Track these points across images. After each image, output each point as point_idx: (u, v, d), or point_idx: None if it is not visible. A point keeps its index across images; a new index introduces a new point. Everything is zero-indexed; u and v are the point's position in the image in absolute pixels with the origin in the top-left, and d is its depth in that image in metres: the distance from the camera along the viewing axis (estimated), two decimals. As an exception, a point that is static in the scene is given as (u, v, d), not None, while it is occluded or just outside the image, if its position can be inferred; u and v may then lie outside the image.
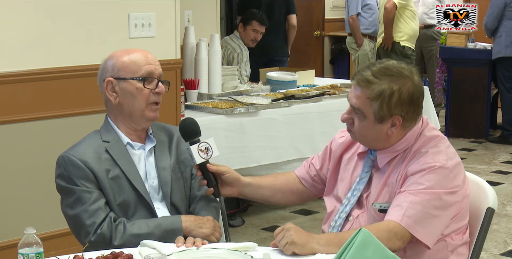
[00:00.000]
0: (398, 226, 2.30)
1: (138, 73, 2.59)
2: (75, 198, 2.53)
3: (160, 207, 2.64)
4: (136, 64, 2.60)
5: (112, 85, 2.60)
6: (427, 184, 2.34)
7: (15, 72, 3.65)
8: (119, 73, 2.60)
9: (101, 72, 2.65)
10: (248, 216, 5.26)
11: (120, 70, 2.60)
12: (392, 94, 2.38)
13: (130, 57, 2.61)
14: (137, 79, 2.59)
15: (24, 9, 3.65)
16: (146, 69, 2.60)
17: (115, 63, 2.61)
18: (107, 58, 2.65)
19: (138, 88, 2.59)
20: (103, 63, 2.66)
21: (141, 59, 2.61)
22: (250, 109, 4.66)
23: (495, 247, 4.66)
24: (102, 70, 2.65)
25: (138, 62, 2.60)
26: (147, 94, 2.60)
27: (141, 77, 2.59)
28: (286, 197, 2.76)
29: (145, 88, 2.59)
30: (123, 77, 2.59)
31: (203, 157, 2.56)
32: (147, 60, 2.61)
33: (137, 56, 2.61)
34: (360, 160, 2.57)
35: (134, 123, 2.64)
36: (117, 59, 2.61)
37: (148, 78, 2.60)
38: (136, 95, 2.59)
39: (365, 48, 7.99)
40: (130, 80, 2.59)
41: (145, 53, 2.64)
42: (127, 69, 2.59)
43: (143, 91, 2.59)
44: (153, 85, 2.61)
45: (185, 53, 4.95)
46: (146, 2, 4.04)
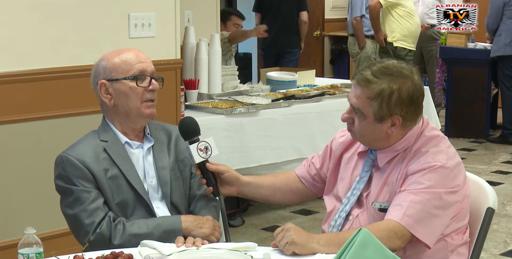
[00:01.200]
0: (398, 225, 2.30)
1: (130, 73, 2.58)
2: (74, 198, 2.53)
3: (160, 206, 2.63)
4: (128, 64, 2.59)
5: (105, 87, 2.60)
6: (427, 183, 2.34)
7: (15, 72, 3.65)
8: (111, 74, 2.59)
9: (93, 75, 2.65)
10: (248, 216, 5.26)
11: (112, 72, 2.59)
12: (392, 94, 2.38)
13: (120, 57, 2.60)
14: (129, 78, 2.58)
15: (24, 9, 3.65)
16: (138, 68, 2.59)
17: (106, 65, 2.60)
18: (99, 61, 2.64)
19: (131, 88, 2.58)
20: (95, 66, 2.64)
21: (132, 58, 2.60)
22: (250, 109, 4.66)
23: (495, 247, 4.66)
24: (95, 73, 2.64)
25: (129, 62, 2.59)
26: (141, 92, 2.59)
27: (133, 76, 2.58)
28: (286, 196, 2.76)
29: (138, 86, 2.58)
30: (115, 78, 2.58)
31: (202, 156, 2.56)
32: (138, 58, 2.60)
33: (128, 55, 2.60)
34: (360, 159, 2.57)
35: (131, 122, 2.64)
36: (108, 60, 2.60)
37: (140, 77, 2.59)
38: (130, 95, 2.58)
39: (367, 51, 7.87)
40: (122, 80, 2.58)
41: (136, 52, 2.63)
42: (119, 70, 2.58)
43: (136, 90, 2.58)
44: (146, 83, 2.60)
45: (185, 53, 4.95)
46: (146, 2, 4.04)
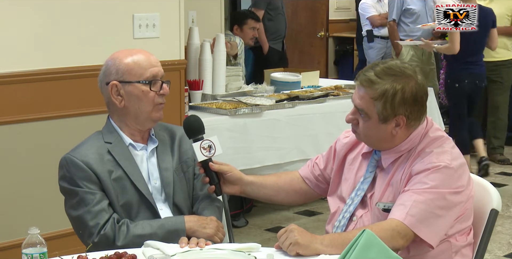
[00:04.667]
0: (401, 224, 2.30)
1: (143, 76, 2.58)
2: (78, 200, 2.53)
3: (163, 208, 2.64)
4: (141, 67, 2.58)
5: (117, 89, 2.59)
6: (431, 183, 2.34)
7: (21, 72, 3.65)
8: (123, 76, 2.58)
9: (103, 75, 2.63)
10: (251, 217, 5.26)
11: (124, 73, 2.58)
12: (395, 94, 2.38)
13: (133, 59, 2.59)
14: (143, 82, 2.58)
15: (27, 10, 3.66)
16: (151, 72, 2.59)
17: (118, 66, 2.59)
18: (108, 60, 2.63)
19: (144, 91, 2.58)
20: (105, 65, 2.63)
21: (145, 61, 2.60)
22: (254, 109, 4.66)
23: (499, 249, 4.65)
24: (104, 72, 2.63)
25: (143, 65, 2.59)
26: (153, 96, 2.59)
27: (147, 80, 2.58)
28: (289, 196, 2.76)
29: (151, 91, 2.59)
30: (128, 80, 2.58)
31: (205, 155, 2.56)
32: (150, 62, 2.60)
33: (140, 58, 2.60)
34: (364, 160, 2.57)
35: (139, 125, 2.64)
36: (120, 61, 2.59)
37: (153, 81, 2.60)
38: (143, 98, 2.59)
39: (403, 58, 7.20)
40: (135, 84, 2.58)
41: (147, 55, 2.63)
42: (132, 72, 2.58)
43: (149, 94, 2.59)
44: (157, 87, 2.60)
45: (189, 54, 4.96)
46: (151, 3, 4.05)
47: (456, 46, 6.20)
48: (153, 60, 2.62)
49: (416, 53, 7.21)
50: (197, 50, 4.98)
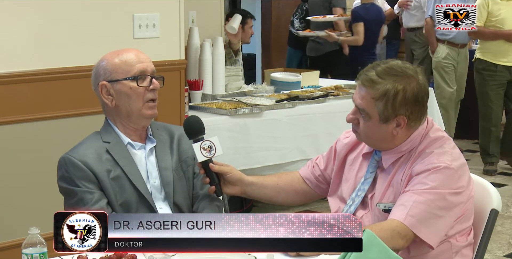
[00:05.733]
0: (402, 225, 2.30)
1: (130, 73, 2.58)
2: (77, 199, 2.53)
3: (163, 207, 2.63)
4: (128, 64, 2.58)
5: (106, 89, 2.59)
6: (431, 184, 2.34)
7: (21, 72, 3.65)
8: (111, 75, 2.59)
9: (94, 77, 2.64)
10: (251, 217, 5.24)
11: (112, 73, 2.58)
12: (397, 94, 2.38)
13: (120, 58, 2.59)
14: (130, 78, 2.58)
15: (27, 10, 3.65)
16: (138, 68, 2.58)
17: (106, 66, 2.59)
18: (98, 62, 2.64)
19: (132, 88, 2.58)
20: (95, 67, 2.64)
21: (132, 58, 2.59)
22: (254, 110, 4.66)
23: (499, 249, 4.65)
24: (95, 74, 2.64)
25: (129, 62, 2.59)
26: (142, 92, 2.59)
27: (133, 76, 2.58)
28: (289, 197, 2.76)
29: (139, 86, 2.58)
30: (116, 78, 2.58)
31: (205, 155, 2.56)
32: (138, 58, 2.60)
33: (128, 56, 2.60)
34: (364, 160, 2.57)
35: (133, 123, 2.64)
36: (108, 61, 2.60)
37: (140, 76, 2.58)
38: (131, 95, 2.58)
39: (438, 55, 7.03)
40: (123, 81, 2.58)
41: (135, 52, 2.62)
42: (119, 70, 2.58)
43: (137, 90, 2.58)
44: (146, 82, 2.59)
45: (189, 54, 4.95)
46: (151, 3, 4.04)
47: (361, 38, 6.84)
48: (141, 57, 2.61)
49: (451, 53, 7.07)
50: (197, 50, 4.98)
